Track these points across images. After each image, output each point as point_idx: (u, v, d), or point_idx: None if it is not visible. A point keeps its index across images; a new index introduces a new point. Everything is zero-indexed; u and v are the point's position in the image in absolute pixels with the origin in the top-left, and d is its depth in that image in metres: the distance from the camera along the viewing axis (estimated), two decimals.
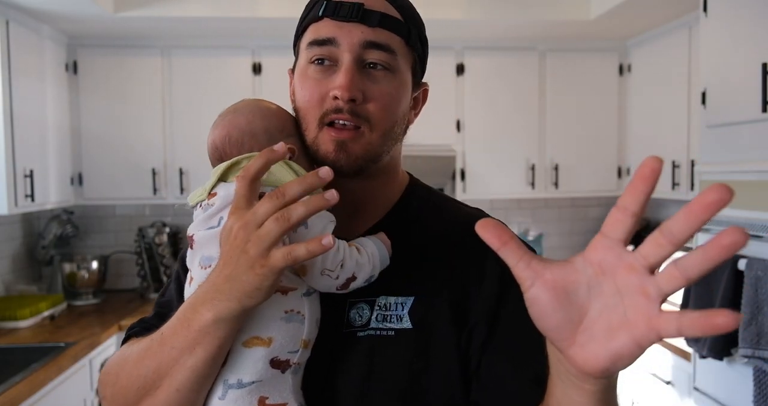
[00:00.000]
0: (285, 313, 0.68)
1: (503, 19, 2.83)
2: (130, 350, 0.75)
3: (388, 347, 0.74)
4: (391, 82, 0.77)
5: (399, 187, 0.87)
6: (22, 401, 1.91)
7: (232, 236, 0.62)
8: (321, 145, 0.76)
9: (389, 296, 0.76)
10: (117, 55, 3.06)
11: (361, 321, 0.76)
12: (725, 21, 2.00)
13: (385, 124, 0.77)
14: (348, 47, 0.74)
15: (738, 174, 1.90)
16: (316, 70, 0.76)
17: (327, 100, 0.74)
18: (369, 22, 0.75)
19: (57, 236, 3.12)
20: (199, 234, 0.72)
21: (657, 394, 2.43)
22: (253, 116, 0.77)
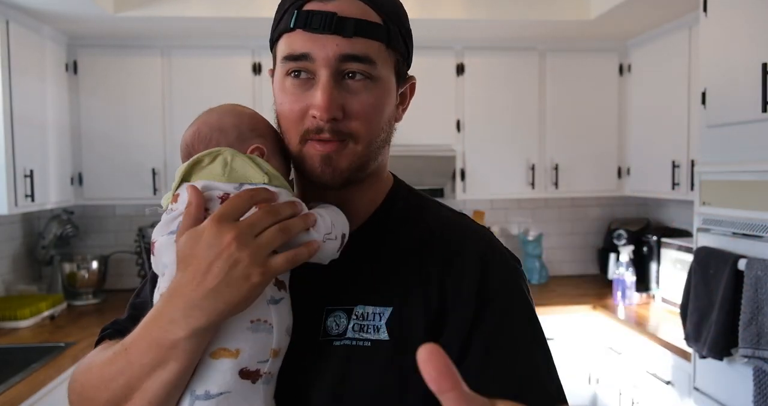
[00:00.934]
0: (251, 323, 0.67)
1: (503, 19, 2.83)
2: (95, 359, 0.74)
3: (364, 358, 0.72)
4: (372, 92, 0.74)
5: (382, 191, 0.85)
6: (22, 401, 1.91)
7: (218, 248, 0.62)
8: (306, 159, 0.74)
9: (367, 306, 0.75)
10: (117, 55, 3.06)
11: (338, 330, 0.74)
12: (725, 21, 2.00)
13: (370, 136, 0.75)
14: (323, 62, 0.71)
15: (738, 174, 1.90)
16: (293, 83, 0.74)
17: (307, 117, 0.73)
18: (344, 32, 0.70)
19: (57, 236, 3.12)
20: (160, 241, 0.70)
21: (657, 394, 2.43)
22: (225, 115, 0.77)
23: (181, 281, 0.64)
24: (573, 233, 3.66)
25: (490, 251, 0.79)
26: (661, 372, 2.40)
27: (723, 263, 1.88)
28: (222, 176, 0.69)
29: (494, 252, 0.79)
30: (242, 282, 0.62)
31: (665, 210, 3.47)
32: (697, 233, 2.10)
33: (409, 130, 3.18)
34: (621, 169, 3.31)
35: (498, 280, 0.76)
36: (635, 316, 2.74)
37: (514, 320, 0.75)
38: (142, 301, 0.85)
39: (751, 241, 1.85)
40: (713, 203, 2.02)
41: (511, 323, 0.74)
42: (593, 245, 3.62)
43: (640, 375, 2.54)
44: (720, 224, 1.99)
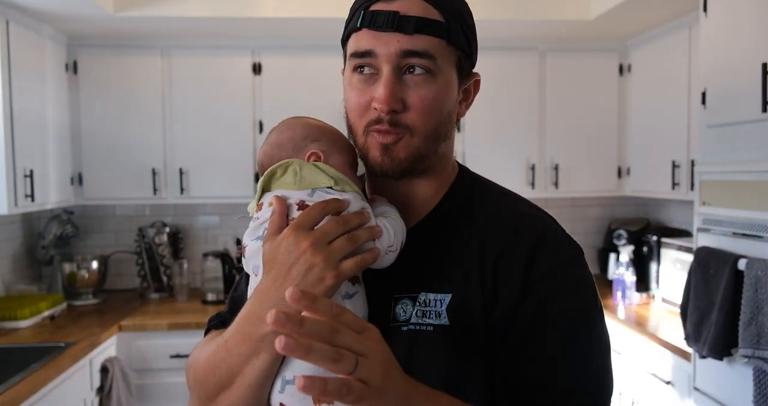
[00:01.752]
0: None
1: (503, 19, 2.82)
2: (204, 349, 0.84)
3: (427, 342, 0.79)
4: (432, 86, 0.78)
5: (447, 182, 0.89)
6: (22, 401, 1.91)
7: (296, 254, 0.71)
8: (369, 149, 0.80)
9: (429, 293, 0.81)
10: (117, 55, 3.06)
11: (405, 316, 0.80)
12: (725, 21, 2.00)
13: (427, 128, 0.79)
14: (386, 58, 0.77)
15: (738, 174, 1.90)
16: (359, 79, 0.80)
17: (370, 109, 0.78)
18: (405, 29, 0.76)
19: (57, 236, 3.12)
20: (250, 245, 0.80)
21: (657, 394, 2.43)
22: (281, 131, 0.87)
23: (266, 282, 0.73)
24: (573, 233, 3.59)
25: (543, 238, 0.82)
26: (661, 372, 2.40)
27: (723, 263, 1.88)
28: (294, 185, 0.78)
29: (547, 239, 0.82)
30: (318, 283, 0.70)
31: (665, 210, 3.47)
32: (697, 233, 2.10)
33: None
34: (621, 169, 3.31)
35: (546, 265, 0.79)
36: (635, 316, 2.75)
37: (559, 313, 0.78)
38: (239, 295, 0.92)
39: (751, 241, 1.85)
40: (713, 203, 2.02)
41: (556, 317, 0.78)
42: (593, 245, 3.62)
43: (640, 375, 2.54)
44: (720, 224, 1.99)
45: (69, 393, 2.26)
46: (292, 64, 3.06)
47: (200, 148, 3.06)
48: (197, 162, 3.08)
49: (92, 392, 2.45)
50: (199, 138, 3.06)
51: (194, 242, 3.42)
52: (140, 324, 2.70)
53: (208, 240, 3.43)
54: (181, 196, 3.10)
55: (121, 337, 2.69)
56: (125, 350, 2.70)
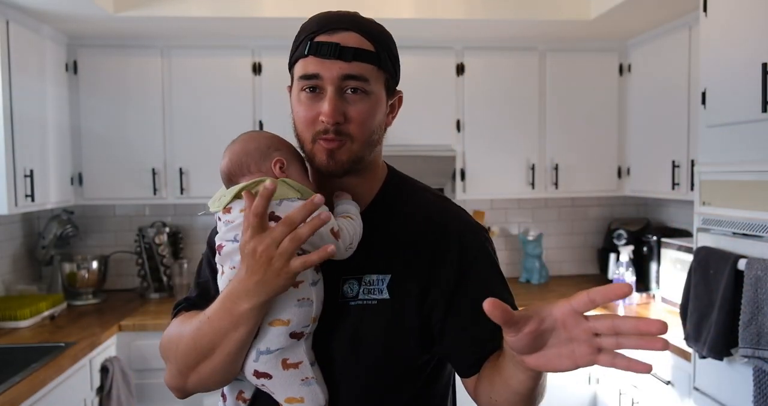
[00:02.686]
0: (298, 301, 0.92)
1: (503, 19, 2.82)
2: (183, 326, 0.99)
3: (373, 313, 0.99)
4: (366, 103, 0.96)
5: (379, 179, 1.09)
6: (22, 401, 1.91)
7: (257, 255, 0.84)
8: (316, 155, 0.97)
9: (372, 274, 1.00)
10: (117, 55, 3.06)
11: (352, 293, 1.00)
12: (725, 21, 2.00)
13: (364, 136, 0.97)
14: (329, 81, 0.94)
15: (738, 174, 1.90)
16: (307, 96, 0.96)
17: (317, 121, 0.95)
18: (345, 58, 0.94)
19: (57, 235, 3.12)
20: (227, 246, 0.95)
21: (657, 394, 2.43)
22: (246, 142, 1.01)
23: (241, 272, 0.88)
24: (573, 233, 3.66)
25: (463, 227, 1.06)
26: (661, 372, 2.40)
27: (723, 263, 1.88)
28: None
29: (467, 228, 1.06)
30: (276, 277, 0.85)
31: (665, 210, 3.47)
32: (697, 233, 2.10)
33: (409, 130, 3.19)
34: (621, 169, 3.31)
35: (474, 250, 1.04)
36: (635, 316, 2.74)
37: (491, 278, 1.04)
38: (204, 280, 1.10)
39: (751, 241, 1.85)
40: (713, 203, 2.02)
41: (489, 282, 1.03)
42: (593, 245, 3.62)
43: (640, 375, 2.54)
44: (720, 224, 1.99)
45: (69, 393, 2.26)
46: None
47: (200, 148, 3.06)
48: (197, 162, 3.08)
49: (92, 392, 2.45)
50: (199, 138, 3.06)
51: (194, 242, 3.42)
52: (140, 324, 2.70)
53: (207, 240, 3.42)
54: (181, 196, 3.10)
55: (121, 337, 2.69)
56: (125, 350, 2.70)
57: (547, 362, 0.75)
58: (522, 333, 0.73)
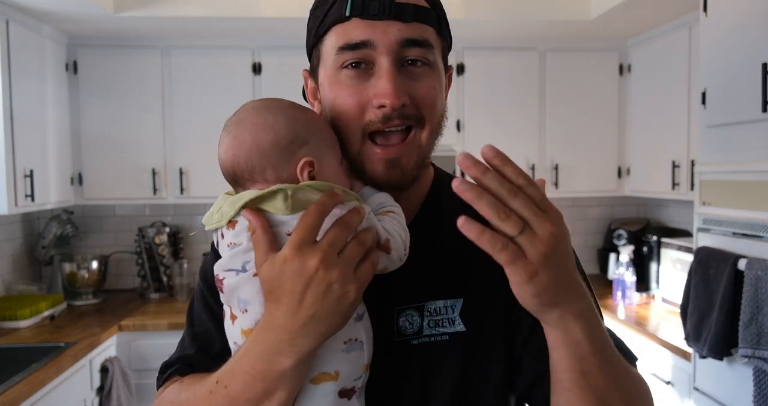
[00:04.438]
0: (345, 344, 0.68)
1: (503, 19, 2.82)
2: (182, 397, 0.74)
3: (445, 352, 0.74)
4: (432, 77, 0.73)
5: (427, 181, 0.84)
6: (22, 401, 1.91)
7: (307, 279, 0.61)
8: (367, 162, 0.72)
9: (437, 301, 0.75)
10: (117, 55, 3.06)
11: (413, 329, 0.75)
12: (725, 21, 2.00)
13: (434, 120, 0.74)
14: (386, 49, 0.69)
15: (738, 174, 1.90)
16: (349, 75, 0.71)
17: (369, 109, 0.71)
18: (404, 17, 0.70)
19: (57, 236, 3.12)
20: (228, 279, 0.69)
21: (657, 394, 2.43)
22: (257, 131, 0.69)
23: (276, 314, 0.63)
24: (573, 233, 3.65)
25: None
26: (661, 372, 2.40)
27: (723, 263, 1.88)
28: (285, 210, 0.66)
29: None
30: (340, 302, 0.62)
31: (665, 210, 3.47)
32: (697, 233, 2.10)
33: None
34: (621, 169, 3.31)
35: None
36: (635, 316, 2.74)
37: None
38: (203, 330, 0.82)
39: (751, 241, 1.85)
40: (713, 203, 2.02)
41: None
42: (593, 245, 3.62)
43: None
44: (720, 224, 1.99)
45: (69, 393, 2.25)
46: (292, 64, 3.05)
47: (200, 148, 3.06)
48: (197, 162, 3.07)
49: (92, 392, 2.45)
50: (199, 138, 3.06)
51: (194, 242, 3.42)
52: (140, 324, 2.70)
53: (208, 240, 3.41)
54: (181, 196, 3.10)
55: (121, 337, 2.69)
56: (125, 350, 2.70)
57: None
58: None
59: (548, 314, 0.62)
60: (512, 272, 0.58)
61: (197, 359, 0.80)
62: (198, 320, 0.83)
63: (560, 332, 0.63)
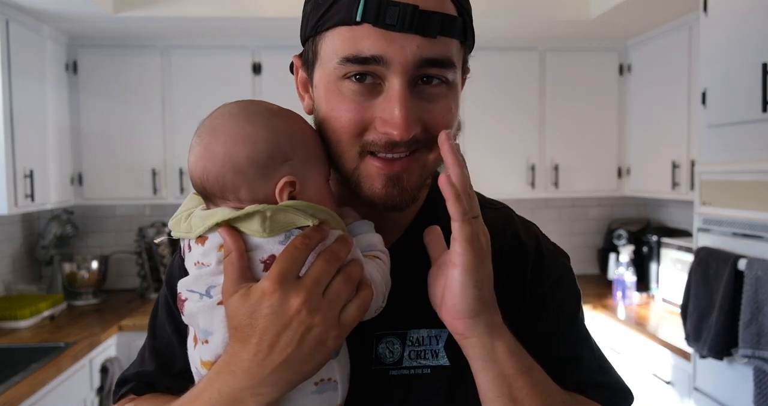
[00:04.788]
0: (315, 385, 0.61)
1: (503, 19, 2.82)
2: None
3: (425, 387, 0.67)
4: (449, 98, 0.64)
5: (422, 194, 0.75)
6: (22, 401, 1.91)
7: (286, 317, 0.54)
8: (364, 178, 0.64)
9: (421, 329, 0.68)
10: (117, 55, 3.06)
11: (393, 358, 0.67)
12: (725, 21, 2.00)
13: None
14: (400, 68, 0.59)
15: (738, 174, 1.90)
16: (353, 89, 0.61)
17: (372, 130, 0.62)
18: (427, 31, 0.58)
19: (57, 236, 3.12)
20: (191, 301, 0.62)
21: (657, 394, 2.43)
22: (233, 143, 0.60)
23: (241, 354, 0.56)
24: (573, 233, 3.66)
25: (540, 251, 0.76)
26: (661, 372, 2.40)
27: (723, 263, 1.88)
28: (262, 232, 0.58)
29: (547, 252, 0.77)
30: (317, 348, 0.56)
31: (665, 210, 3.47)
32: (697, 233, 2.10)
33: None
34: (621, 169, 3.31)
35: (553, 278, 0.75)
36: (635, 316, 2.74)
37: (568, 317, 0.77)
38: (165, 343, 0.74)
39: (751, 241, 1.85)
40: (713, 203, 2.02)
41: (565, 321, 0.77)
42: (593, 245, 3.62)
43: (640, 375, 2.54)
44: (720, 224, 1.99)
45: (69, 393, 2.25)
46: None
47: None
48: None
49: (92, 392, 2.45)
50: None
51: None
52: (140, 324, 2.70)
53: None
54: (181, 197, 3.09)
55: (121, 337, 2.69)
56: (125, 350, 2.70)
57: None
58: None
59: (478, 320, 0.60)
60: (465, 253, 0.58)
61: (157, 377, 0.73)
62: (161, 330, 0.75)
63: (486, 347, 0.61)
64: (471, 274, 0.59)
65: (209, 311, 0.60)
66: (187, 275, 0.64)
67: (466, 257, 0.59)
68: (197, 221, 0.61)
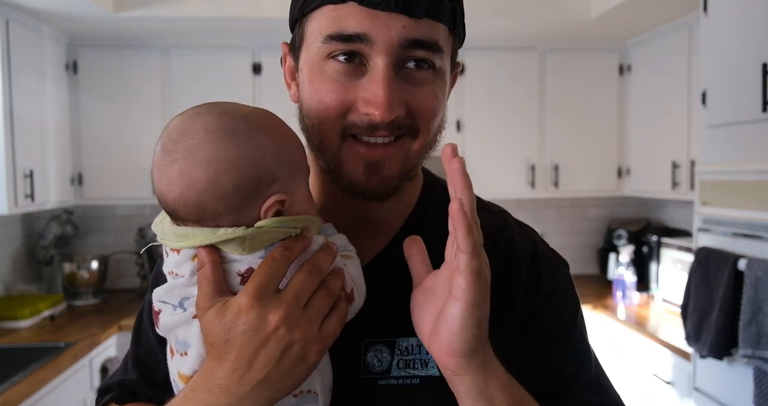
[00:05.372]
0: (294, 397, 0.59)
1: (503, 19, 2.82)
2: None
3: (414, 398, 0.65)
4: (435, 84, 0.63)
5: (415, 193, 0.73)
6: (22, 401, 1.91)
7: (264, 333, 0.52)
8: (346, 163, 0.62)
9: (410, 338, 0.65)
10: (117, 55, 3.06)
11: (381, 367, 0.65)
12: (725, 21, 2.00)
13: (430, 132, 0.64)
14: (384, 47, 0.58)
15: (738, 174, 1.90)
16: (337, 68, 0.60)
17: (354, 111, 0.60)
18: (413, 11, 0.58)
19: (57, 236, 3.12)
20: (166, 314, 0.59)
21: (657, 394, 2.43)
22: (215, 171, 0.55)
23: (218, 372, 0.54)
24: (573, 233, 3.66)
25: (535, 257, 0.72)
26: (661, 372, 2.40)
27: (723, 263, 1.88)
28: (242, 252, 0.56)
29: (545, 259, 0.73)
30: (297, 365, 0.54)
31: (665, 210, 3.47)
32: (697, 233, 2.10)
33: None
34: (621, 169, 3.31)
35: (549, 286, 0.71)
36: (635, 316, 2.74)
37: (565, 327, 0.74)
38: (148, 351, 0.73)
39: (751, 241, 1.85)
40: (713, 202, 2.02)
41: (561, 331, 0.73)
42: (593, 245, 3.62)
43: (640, 375, 2.54)
44: (720, 224, 1.99)
45: (69, 393, 2.25)
46: None
47: None
48: None
49: (92, 392, 2.45)
50: None
51: None
52: None
53: None
54: None
55: (121, 337, 2.69)
56: (125, 350, 2.67)
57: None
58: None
59: (473, 359, 0.57)
60: (471, 288, 0.53)
61: (139, 386, 0.72)
62: (144, 337, 0.74)
63: (478, 385, 0.57)
64: (473, 312, 0.54)
65: (185, 324, 0.58)
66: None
67: (472, 294, 0.53)
68: (170, 236, 0.58)
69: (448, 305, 0.55)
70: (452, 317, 0.54)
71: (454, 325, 0.55)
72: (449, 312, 0.55)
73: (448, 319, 0.55)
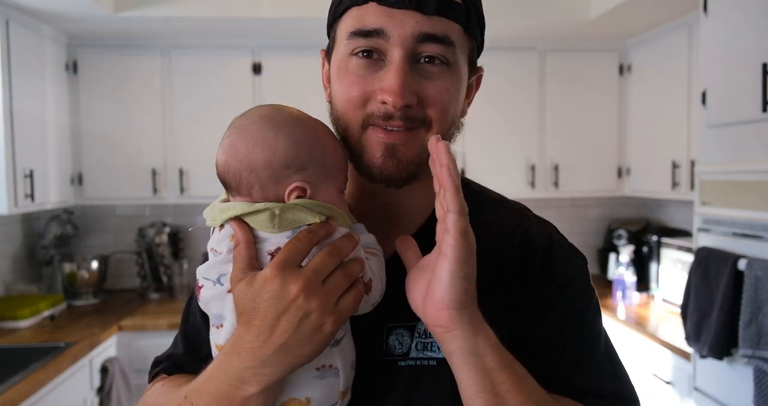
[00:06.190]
0: (317, 370, 0.65)
1: (503, 19, 2.82)
2: (160, 401, 0.73)
3: (431, 379, 0.69)
4: (449, 78, 0.68)
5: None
6: (22, 401, 1.91)
7: (285, 301, 0.58)
8: (366, 147, 0.68)
9: None
10: (117, 55, 3.06)
11: (402, 349, 0.70)
12: (725, 21, 2.00)
13: (443, 125, 0.69)
14: (399, 41, 0.65)
15: (738, 174, 1.90)
16: (359, 64, 0.67)
17: (372, 101, 0.67)
18: (425, 8, 0.65)
19: (57, 236, 3.12)
20: (206, 288, 0.67)
21: (657, 394, 2.43)
22: (254, 146, 0.65)
23: (245, 337, 0.60)
24: (573, 233, 3.66)
25: (553, 249, 0.77)
26: (661, 372, 2.40)
27: (723, 263, 1.88)
28: (271, 228, 0.63)
29: (559, 251, 0.77)
30: (315, 334, 0.59)
31: (665, 210, 3.47)
32: (697, 233, 2.10)
33: None
34: (621, 169, 3.31)
35: (564, 276, 0.75)
36: (635, 316, 2.74)
37: (579, 316, 0.78)
38: (195, 329, 0.80)
39: (751, 241, 1.85)
40: (713, 202, 2.02)
41: (576, 320, 0.77)
42: (593, 245, 3.62)
43: (641, 375, 2.54)
44: (720, 224, 1.99)
45: (69, 393, 2.26)
46: (292, 64, 3.06)
47: (200, 148, 3.05)
48: (197, 162, 3.07)
49: (92, 392, 2.45)
50: (199, 138, 3.06)
51: (194, 241, 3.42)
52: (140, 324, 2.70)
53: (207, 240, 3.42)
54: (181, 196, 3.10)
55: (121, 337, 2.69)
56: (125, 350, 2.70)
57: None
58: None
59: (463, 312, 0.61)
60: (458, 244, 0.58)
61: (186, 360, 0.79)
62: (192, 317, 0.82)
63: (469, 341, 0.61)
64: (461, 265, 0.59)
65: (220, 299, 0.65)
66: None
67: (459, 250, 0.59)
68: (217, 213, 0.67)
69: (439, 264, 0.60)
70: (442, 271, 0.60)
71: (444, 278, 0.60)
72: (439, 268, 0.60)
73: (439, 274, 0.60)
